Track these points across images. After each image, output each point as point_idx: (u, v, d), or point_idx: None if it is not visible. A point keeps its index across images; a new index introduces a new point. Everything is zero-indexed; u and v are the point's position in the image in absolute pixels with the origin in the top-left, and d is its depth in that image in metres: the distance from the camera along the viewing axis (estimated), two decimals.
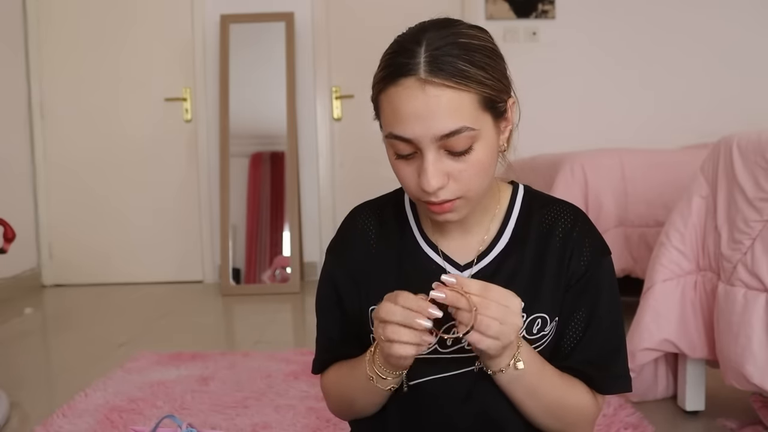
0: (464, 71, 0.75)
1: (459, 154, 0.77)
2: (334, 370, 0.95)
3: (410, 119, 0.76)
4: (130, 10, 4.05)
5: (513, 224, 0.90)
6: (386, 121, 0.79)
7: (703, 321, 1.62)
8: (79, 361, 2.41)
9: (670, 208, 2.15)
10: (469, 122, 0.76)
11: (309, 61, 4.10)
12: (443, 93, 0.74)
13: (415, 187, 0.81)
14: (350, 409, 0.94)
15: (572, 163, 2.51)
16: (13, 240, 1.87)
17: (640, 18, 4.17)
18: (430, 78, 0.74)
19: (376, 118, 0.84)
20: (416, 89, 0.75)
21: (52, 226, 4.10)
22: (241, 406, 1.84)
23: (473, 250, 0.90)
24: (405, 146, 0.78)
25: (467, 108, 0.76)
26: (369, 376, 0.83)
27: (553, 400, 0.85)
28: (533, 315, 0.86)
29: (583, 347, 0.88)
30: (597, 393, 0.90)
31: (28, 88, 4.04)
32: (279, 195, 3.91)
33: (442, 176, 0.78)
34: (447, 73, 0.74)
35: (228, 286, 3.73)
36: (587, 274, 0.87)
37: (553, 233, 0.89)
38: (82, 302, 3.63)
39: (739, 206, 1.48)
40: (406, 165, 0.81)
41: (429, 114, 0.75)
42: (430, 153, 0.77)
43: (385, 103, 0.79)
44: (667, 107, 4.18)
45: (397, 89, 0.76)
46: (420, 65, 0.75)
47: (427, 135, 0.76)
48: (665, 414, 1.72)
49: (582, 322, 0.88)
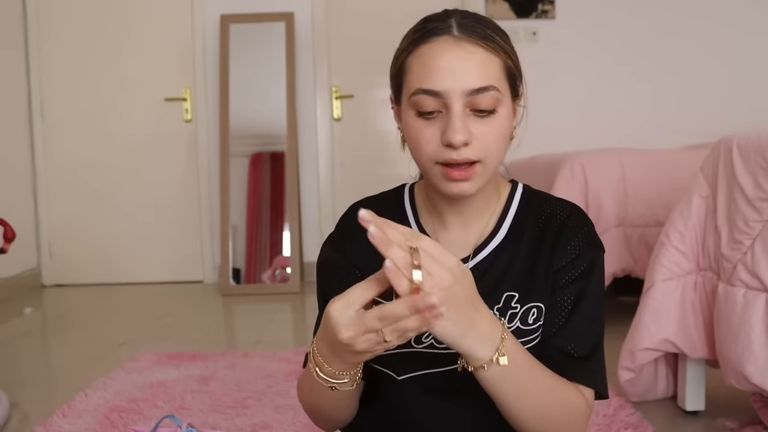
0: (493, 37, 0.81)
1: (484, 115, 0.80)
2: (301, 378, 0.92)
3: (443, 72, 0.78)
4: (130, 10, 4.05)
5: (510, 219, 0.91)
6: (414, 78, 0.81)
7: (703, 321, 1.62)
8: (79, 361, 2.41)
9: (670, 208, 2.15)
10: (497, 84, 0.80)
11: (309, 61, 4.10)
12: (477, 50, 0.79)
13: (435, 147, 0.80)
14: (329, 421, 0.90)
15: (572, 163, 2.51)
16: (13, 240, 1.87)
17: (641, 18, 4.17)
18: (465, 36, 0.79)
19: (394, 92, 0.86)
20: (451, 44, 0.79)
21: (52, 226, 4.10)
22: (241, 406, 1.84)
23: (471, 244, 0.90)
24: (432, 102, 0.79)
25: (495, 71, 0.80)
26: (330, 386, 0.76)
27: (541, 400, 0.78)
28: (528, 305, 0.85)
29: (563, 333, 0.85)
30: (580, 386, 0.84)
31: (28, 88, 4.04)
32: (279, 195, 3.91)
33: (467, 132, 0.79)
34: (478, 35, 0.80)
35: (228, 286, 3.73)
36: (578, 261, 0.86)
37: (548, 226, 0.89)
38: (82, 302, 3.63)
39: (739, 206, 1.48)
40: (427, 126, 0.81)
41: (462, 68, 0.78)
42: (457, 107, 0.78)
43: (415, 62, 0.81)
44: (667, 107, 4.18)
45: (430, 46, 0.80)
46: (453, 27, 0.80)
47: (458, 89, 0.78)
48: (665, 414, 1.72)
49: (567, 307, 0.86)
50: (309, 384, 0.82)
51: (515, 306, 0.85)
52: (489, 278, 0.87)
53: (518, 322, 0.85)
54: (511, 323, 0.85)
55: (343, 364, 0.72)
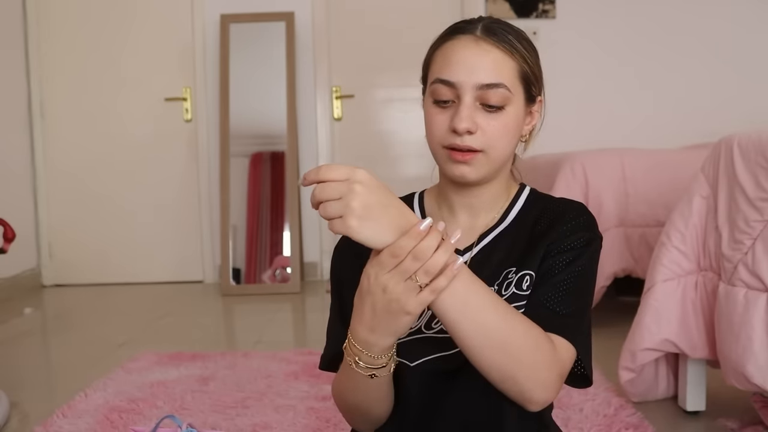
0: (512, 42, 0.89)
1: (492, 110, 0.87)
2: (335, 380, 0.95)
3: (459, 65, 0.87)
4: (130, 10, 4.05)
5: (515, 214, 0.96)
6: (436, 69, 0.90)
7: (703, 321, 1.62)
8: (79, 361, 2.41)
9: (670, 208, 2.15)
10: (508, 84, 0.87)
11: (309, 61, 4.10)
12: (492, 50, 0.87)
13: (444, 132, 0.88)
14: (369, 418, 0.92)
15: (573, 163, 2.51)
16: (13, 240, 1.87)
17: (641, 18, 4.17)
18: (484, 37, 0.88)
19: (423, 82, 0.95)
20: (470, 42, 0.88)
21: (52, 226, 4.10)
22: (241, 406, 1.83)
23: (477, 232, 0.96)
24: (446, 91, 0.88)
25: (508, 72, 0.88)
26: (370, 374, 0.80)
27: (500, 332, 0.77)
28: (522, 272, 0.89)
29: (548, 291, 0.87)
30: (554, 337, 0.83)
31: (28, 88, 4.04)
32: (279, 195, 3.90)
33: (473, 122, 0.86)
34: (498, 38, 0.88)
35: (228, 286, 3.73)
36: (573, 237, 0.89)
37: (550, 214, 0.94)
38: (82, 302, 3.63)
39: (739, 206, 1.48)
40: (440, 113, 0.89)
41: (476, 63, 0.87)
42: (467, 98, 0.86)
43: (439, 55, 0.90)
44: (668, 107, 4.18)
45: (453, 42, 0.89)
46: (477, 28, 0.89)
47: (470, 81, 0.86)
48: (666, 414, 1.72)
49: (556, 272, 0.88)
50: (346, 381, 0.87)
51: (511, 277, 0.90)
52: (492, 260, 0.92)
53: (513, 288, 0.89)
54: (507, 290, 0.89)
55: (383, 337, 0.76)
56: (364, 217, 0.70)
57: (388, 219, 0.71)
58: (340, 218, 0.70)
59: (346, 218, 0.69)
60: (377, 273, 0.73)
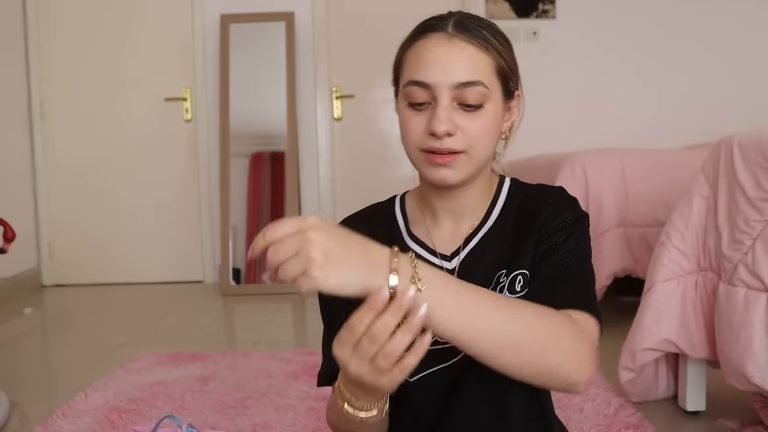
0: (487, 37, 0.84)
1: (471, 109, 0.83)
2: (329, 407, 0.92)
3: (433, 65, 0.82)
4: (130, 10, 4.05)
5: (499, 210, 0.93)
6: (408, 70, 0.85)
7: (703, 321, 1.62)
8: (79, 361, 2.40)
9: (670, 208, 2.14)
10: (485, 81, 0.83)
11: (309, 61, 4.10)
12: (467, 47, 0.83)
13: (421, 135, 0.84)
14: None
15: (573, 163, 2.51)
16: (13, 240, 1.87)
17: (641, 18, 4.17)
18: (457, 33, 0.83)
19: (395, 85, 0.91)
20: (443, 40, 0.83)
21: (52, 226, 4.10)
22: (241, 406, 1.83)
23: (462, 236, 0.92)
24: (421, 93, 0.83)
25: (485, 68, 0.83)
26: (359, 419, 0.77)
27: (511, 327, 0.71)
28: (513, 273, 0.87)
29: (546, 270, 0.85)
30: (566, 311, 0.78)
31: (28, 88, 4.04)
32: (279, 195, 3.90)
33: (452, 123, 0.82)
34: (472, 34, 0.83)
35: (228, 286, 3.73)
36: (559, 218, 0.87)
37: (530, 203, 0.91)
38: (82, 302, 3.63)
39: (739, 206, 1.48)
40: (416, 115, 0.84)
41: (451, 62, 0.82)
42: (444, 99, 0.82)
43: (410, 56, 0.86)
44: (668, 107, 4.18)
45: (424, 41, 0.84)
46: (449, 25, 0.84)
47: (445, 81, 0.82)
48: (666, 414, 1.71)
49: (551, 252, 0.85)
50: (339, 414, 0.81)
51: (503, 281, 0.87)
52: (482, 263, 0.90)
53: (507, 291, 0.86)
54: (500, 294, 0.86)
55: (368, 396, 0.74)
56: (327, 265, 0.62)
57: (352, 260, 0.64)
58: (302, 275, 0.63)
59: (309, 271, 0.62)
60: (341, 351, 0.65)
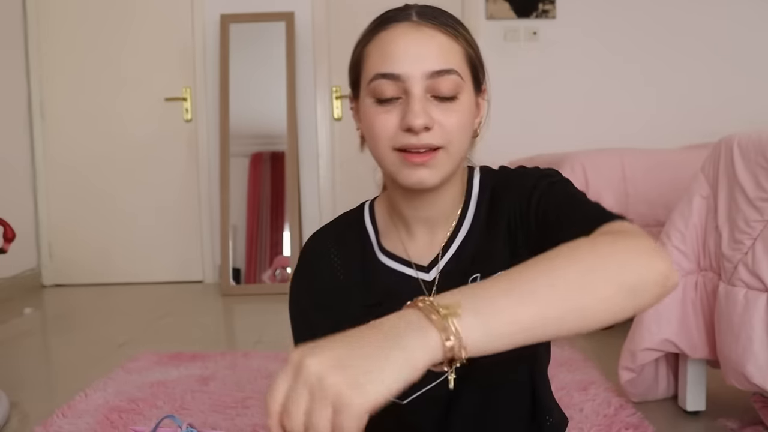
0: (454, 25, 0.79)
1: (445, 100, 0.76)
2: None
3: (402, 55, 0.76)
4: (130, 10, 4.05)
5: (473, 211, 0.86)
6: (372, 65, 0.79)
7: (703, 321, 1.62)
8: (79, 361, 2.40)
9: (670, 208, 2.14)
10: (458, 69, 0.77)
11: (309, 61, 4.10)
12: (437, 34, 0.77)
13: (393, 132, 0.76)
14: None
15: (573, 163, 2.51)
16: (13, 240, 1.87)
17: (642, 17, 4.17)
18: (424, 22, 0.77)
19: (352, 86, 0.85)
20: (410, 28, 0.77)
21: (52, 226, 4.10)
22: (241, 406, 1.83)
23: (438, 246, 0.86)
24: (390, 87, 0.76)
25: (456, 56, 0.78)
26: None
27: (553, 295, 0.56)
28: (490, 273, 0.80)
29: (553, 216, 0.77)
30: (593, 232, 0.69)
31: (28, 88, 4.04)
32: (279, 195, 3.90)
33: (429, 116, 0.75)
34: (439, 21, 0.78)
35: (228, 286, 3.73)
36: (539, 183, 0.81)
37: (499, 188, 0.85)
38: (82, 302, 3.63)
39: (739, 206, 1.48)
40: (385, 112, 0.77)
41: (422, 50, 0.76)
42: (417, 90, 0.75)
43: (373, 50, 0.79)
44: (669, 107, 4.18)
45: (389, 32, 0.78)
46: (412, 14, 0.78)
47: (418, 71, 0.75)
48: (666, 414, 1.71)
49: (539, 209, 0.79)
50: None
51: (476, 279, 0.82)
52: (462, 270, 0.84)
53: None
54: None
55: None
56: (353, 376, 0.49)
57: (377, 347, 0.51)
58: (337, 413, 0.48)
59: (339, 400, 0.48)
60: None
